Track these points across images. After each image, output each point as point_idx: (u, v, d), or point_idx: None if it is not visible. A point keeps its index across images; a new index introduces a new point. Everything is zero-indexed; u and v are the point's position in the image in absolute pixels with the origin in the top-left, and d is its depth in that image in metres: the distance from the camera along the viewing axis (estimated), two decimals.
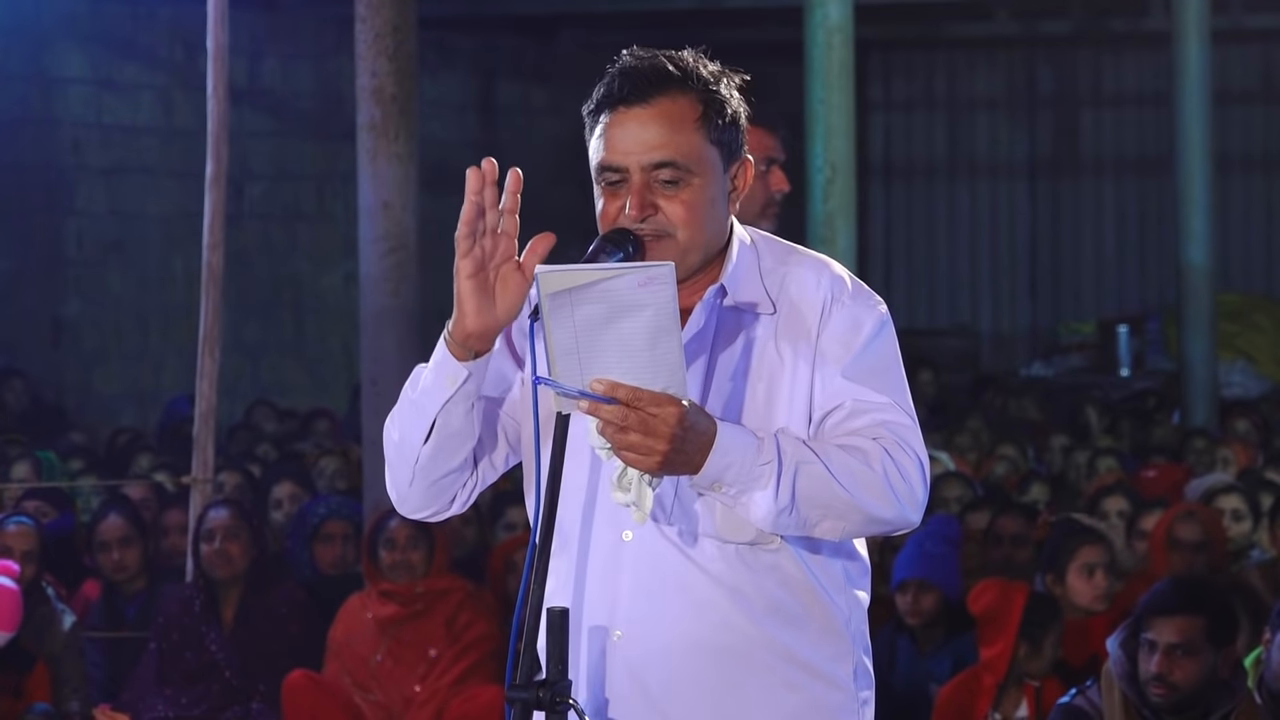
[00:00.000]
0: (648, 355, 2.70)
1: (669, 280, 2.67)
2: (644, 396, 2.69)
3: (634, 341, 2.70)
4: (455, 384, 2.87)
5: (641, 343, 2.70)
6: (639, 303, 2.68)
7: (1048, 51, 17.86)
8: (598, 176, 2.93)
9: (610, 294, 2.67)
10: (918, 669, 6.51)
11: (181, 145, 12.86)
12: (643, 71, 2.91)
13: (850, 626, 3.02)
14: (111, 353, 13.38)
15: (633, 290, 2.67)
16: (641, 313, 2.68)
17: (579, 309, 2.68)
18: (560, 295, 2.67)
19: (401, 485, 3.00)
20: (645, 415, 2.69)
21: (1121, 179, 17.93)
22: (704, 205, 2.91)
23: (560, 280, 2.68)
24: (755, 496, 2.79)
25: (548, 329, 2.69)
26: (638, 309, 2.68)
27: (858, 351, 2.93)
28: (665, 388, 2.71)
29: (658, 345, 2.70)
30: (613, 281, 2.68)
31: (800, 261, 3.02)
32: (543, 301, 2.68)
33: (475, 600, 6.79)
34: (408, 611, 6.67)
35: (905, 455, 2.86)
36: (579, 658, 2.91)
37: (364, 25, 7.76)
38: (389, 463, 3.01)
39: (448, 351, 2.87)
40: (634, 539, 2.94)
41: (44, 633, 6.59)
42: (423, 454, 2.93)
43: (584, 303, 2.68)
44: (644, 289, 2.67)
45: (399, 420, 2.96)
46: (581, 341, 2.69)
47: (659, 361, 2.70)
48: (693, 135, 2.90)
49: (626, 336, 2.70)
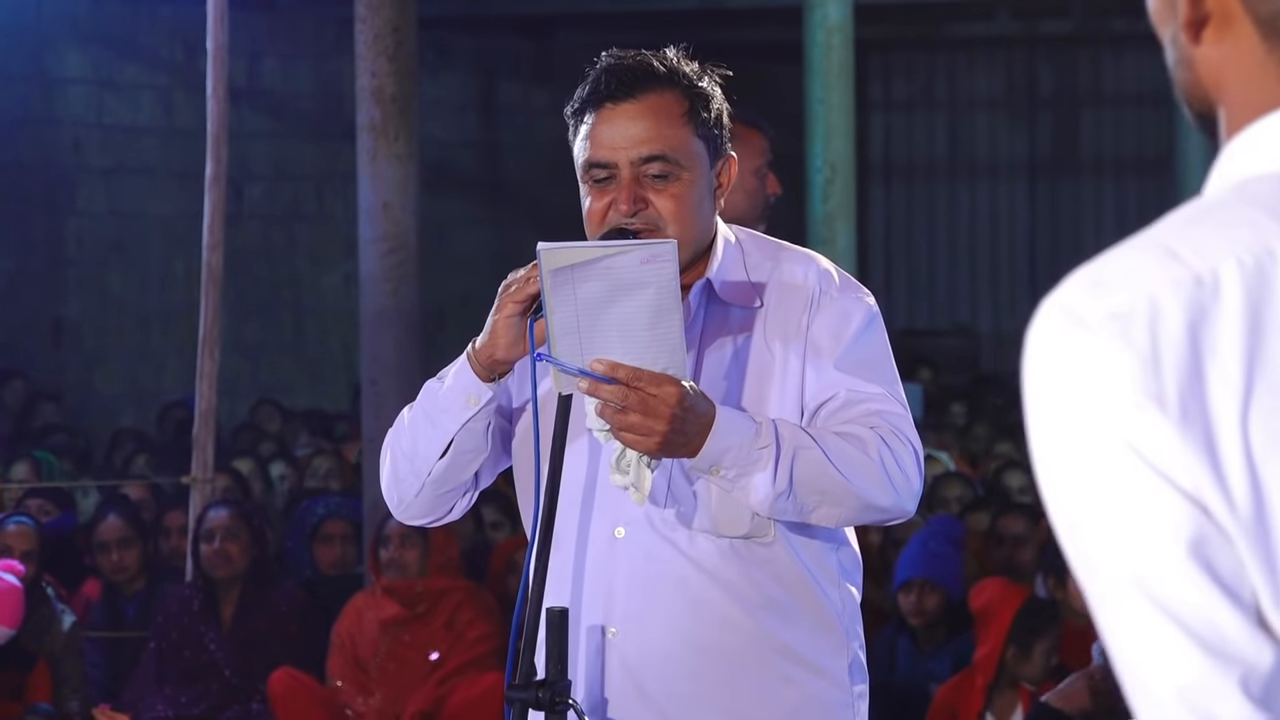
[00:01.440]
0: (648, 335, 2.71)
1: (671, 258, 2.69)
2: (644, 376, 2.71)
3: (635, 321, 2.71)
4: (478, 404, 2.91)
5: (643, 322, 2.71)
6: (641, 281, 2.69)
7: (1048, 51, 17.86)
8: (584, 174, 2.94)
9: (613, 271, 2.68)
10: (918, 669, 6.51)
11: (181, 145, 12.85)
12: (629, 68, 2.93)
13: (844, 620, 3.03)
14: (111, 353, 13.38)
15: (635, 268, 2.68)
16: (643, 291, 2.69)
17: (581, 286, 2.69)
18: (562, 272, 2.68)
19: (407, 496, 3.03)
20: (645, 395, 2.70)
21: (1121, 179, 17.93)
22: (693, 200, 2.93)
23: (563, 257, 2.69)
24: (753, 480, 2.80)
25: (549, 307, 2.70)
26: (640, 287, 2.69)
27: (848, 343, 2.95)
28: (665, 368, 2.72)
29: (659, 325, 2.71)
30: (616, 259, 2.69)
31: (787, 256, 3.04)
32: (544, 278, 2.69)
33: (475, 600, 6.79)
34: (410, 613, 6.67)
35: (901, 444, 2.88)
36: (575, 656, 2.92)
37: (364, 25, 7.76)
38: (395, 475, 3.03)
39: (472, 373, 2.89)
40: (627, 536, 2.95)
41: (44, 632, 6.59)
42: (436, 468, 2.97)
43: (586, 280, 2.68)
44: (647, 266, 2.68)
45: (412, 435, 2.98)
46: (583, 320, 2.70)
47: (659, 342, 2.72)
48: (681, 130, 2.92)
49: (628, 316, 2.70)
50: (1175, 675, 1.29)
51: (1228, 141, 1.42)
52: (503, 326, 2.86)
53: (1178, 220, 1.37)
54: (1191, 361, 1.30)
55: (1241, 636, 1.29)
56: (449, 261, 14.33)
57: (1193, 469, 1.29)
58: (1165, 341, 1.30)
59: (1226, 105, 1.42)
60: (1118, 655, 1.33)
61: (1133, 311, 1.31)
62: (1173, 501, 1.29)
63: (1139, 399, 1.29)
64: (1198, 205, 1.38)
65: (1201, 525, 1.29)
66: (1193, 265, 1.31)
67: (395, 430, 3.03)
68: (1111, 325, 1.31)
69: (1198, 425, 1.29)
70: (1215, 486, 1.29)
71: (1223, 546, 1.29)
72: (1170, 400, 1.29)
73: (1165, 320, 1.30)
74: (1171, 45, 1.45)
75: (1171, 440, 1.29)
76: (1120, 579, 1.31)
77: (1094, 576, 1.33)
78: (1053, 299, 1.37)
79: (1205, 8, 1.41)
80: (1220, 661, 1.28)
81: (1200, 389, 1.29)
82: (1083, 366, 1.32)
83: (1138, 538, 1.30)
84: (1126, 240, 1.38)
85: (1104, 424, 1.30)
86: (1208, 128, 1.46)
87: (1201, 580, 1.29)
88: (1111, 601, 1.32)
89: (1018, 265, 18.07)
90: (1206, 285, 1.31)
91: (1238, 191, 1.37)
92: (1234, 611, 1.29)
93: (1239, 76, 1.41)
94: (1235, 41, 1.40)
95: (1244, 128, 1.40)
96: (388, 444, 3.05)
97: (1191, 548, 1.29)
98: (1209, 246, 1.32)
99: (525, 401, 3.01)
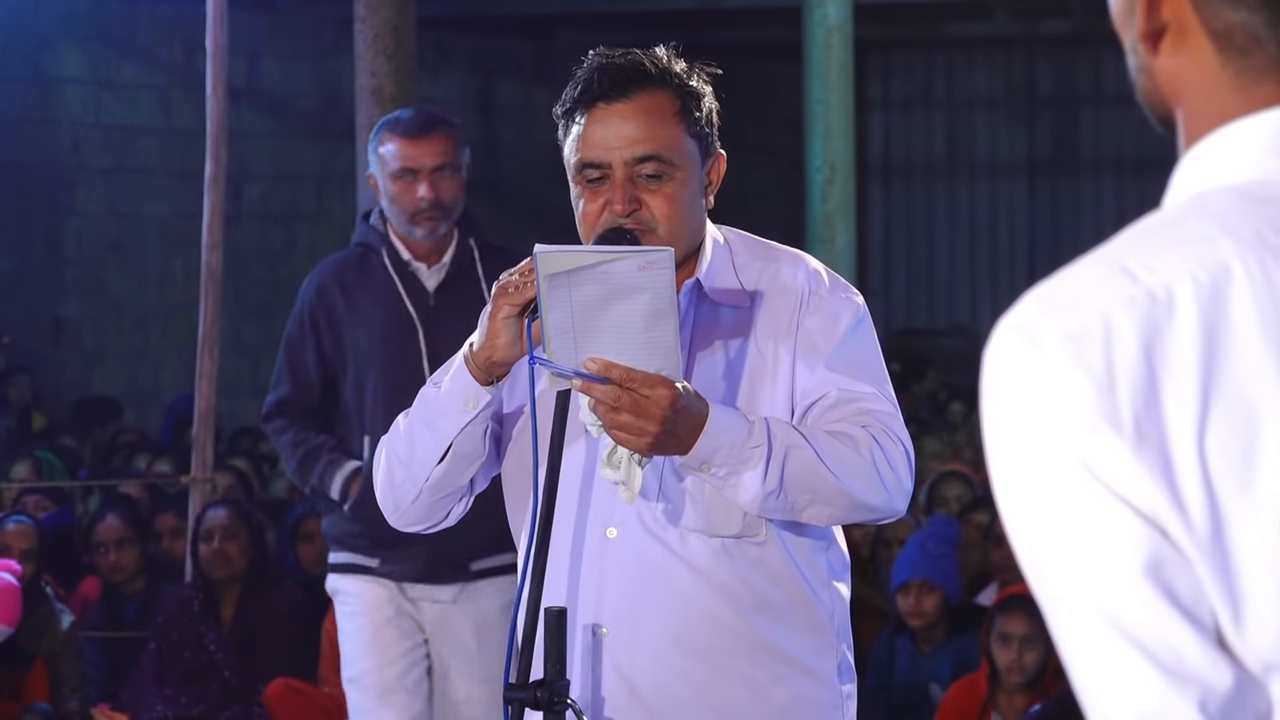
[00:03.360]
0: (643, 338, 2.72)
1: (668, 265, 2.69)
2: (637, 378, 2.71)
3: (630, 324, 2.71)
4: (477, 407, 2.90)
5: (637, 325, 2.71)
6: (637, 286, 2.69)
7: (1047, 51, 17.86)
8: (576, 175, 2.94)
9: (609, 277, 2.69)
10: (918, 669, 6.50)
11: (180, 145, 12.85)
12: (621, 68, 2.92)
13: (834, 621, 3.03)
14: (111, 353, 13.38)
15: (632, 273, 2.69)
16: (639, 296, 2.70)
17: (576, 290, 2.69)
18: (558, 276, 2.69)
19: (404, 502, 3.02)
20: (638, 396, 2.71)
21: (1121, 179, 17.93)
22: (686, 199, 2.93)
23: (559, 261, 2.69)
24: (744, 479, 2.80)
25: (544, 308, 2.70)
26: (636, 292, 2.70)
27: (838, 343, 2.95)
28: (659, 370, 2.73)
29: (653, 328, 2.71)
30: (613, 264, 2.69)
31: (776, 256, 3.04)
32: (540, 282, 2.69)
33: None
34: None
35: (892, 443, 2.88)
36: (568, 656, 2.92)
37: (363, 25, 7.76)
38: (391, 481, 3.02)
39: (470, 377, 2.89)
40: (618, 536, 2.95)
41: (42, 632, 6.58)
42: (434, 474, 2.96)
43: (582, 284, 2.69)
44: (643, 272, 2.69)
45: (409, 441, 2.98)
46: (578, 322, 2.71)
47: (654, 344, 2.72)
48: (673, 129, 2.92)
49: (622, 318, 2.71)
50: (1134, 698, 1.28)
51: (1185, 152, 1.41)
52: (500, 328, 2.85)
53: (1132, 236, 1.36)
54: (1147, 381, 1.29)
55: (1200, 658, 1.27)
56: None
57: (1149, 490, 1.28)
58: (1120, 362, 1.29)
59: (1184, 115, 1.42)
60: (1076, 677, 1.32)
61: (1087, 332, 1.30)
62: (1129, 523, 1.28)
63: (1094, 420, 1.28)
64: (1153, 220, 1.37)
65: (1159, 546, 1.28)
66: (1147, 283, 1.31)
67: (390, 437, 3.03)
68: (1066, 346, 1.30)
69: (1154, 445, 1.28)
70: (1172, 507, 1.28)
71: (1181, 567, 1.28)
72: (1125, 421, 1.28)
73: (1119, 340, 1.29)
74: (1131, 52, 1.45)
75: (1127, 461, 1.28)
76: (1078, 601, 1.30)
77: (1052, 599, 1.32)
78: (1008, 320, 1.36)
79: (1161, 19, 1.40)
80: (1179, 683, 1.27)
81: (1156, 409, 1.28)
82: (1037, 388, 1.31)
83: (1095, 560, 1.29)
84: (1082, 257, 1.37)
85: (1059, 445, 1.30)
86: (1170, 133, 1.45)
87: (1159, 602, 1.28)
88: (1069, 624, 1.31)
89: (1017, 265, 18.06)
90: (1161, 303, 1.30)
91: (1193, 205, 1.36)
92: (1192, 633, 1.28)
93: (1195, 88, 1.40)
94: (1190, 54, 1.40)
95: (1200, 139, 1.39)
96: (382, 450, 3.04)
97: (1149, 569, 1.28)
98: (1164, 263, 1.31)
99: (517, 406, 3.01)
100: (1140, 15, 1.41)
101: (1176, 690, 1.27)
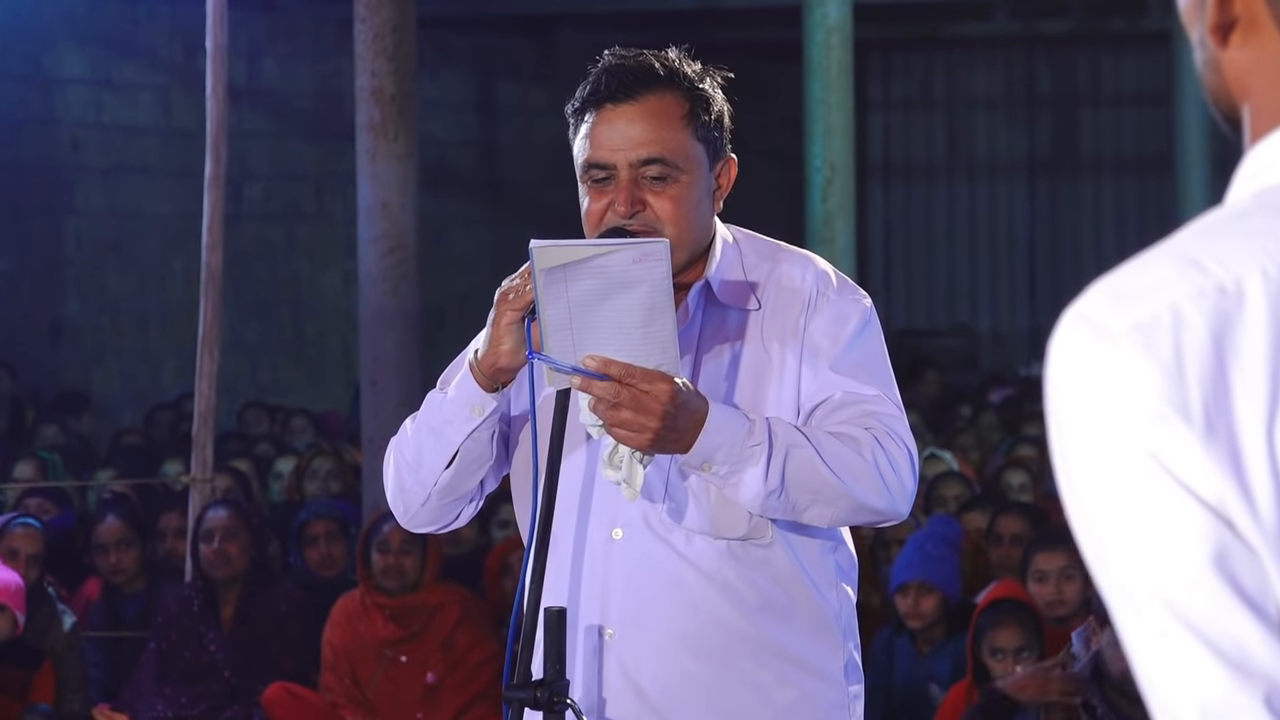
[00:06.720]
0: (641, 332, 2.71)
1: (664, 257, 2.68)
2: (636, 373, 2.71)
3: (628, 318, 2.70)
4: (483, 413, 2.90)
5: (635, 320, 2.70)
6: (634, 279, 2.68)
7: (1047, 51, 17.86)
8: (583, 174, 2.93)
9: (605, 270, 2.68)
10: (918, 669, 6.50)
11: (180, 145, 12.86)
12: (629, 69, 2.92)
13: (840, 621, 3.03)
14: (111, 353, 13.38)
15: (628, 266, 2.68)
16: (636, 289, 2.69)
17: (573, 285, 2.68)
18: (555, 271, 2.68)
19: (413, 505, 3.03)
20: (637, 392, 2.70)
21: (1121, 179, 17.93)
22: (691, 202, 2.92)
23: (555, 255, 2.68)
24: (745, 477, 2.80)
25: (541, 304, 2.70)
26: (632, 285, 2.69)
27: (845, 345, 2.95)
28: (658, 365, 2.72)
29: (651, 322, 2.70)
30: (608, 257, 2.68)
31: (784, 258, 3.04)
32: (536, 277, 2.68)
33: (473, 617, 6.65)
34: (405, 633, 6.52)
35: (895, 445, 2.87)
36: (573, 657, 2.92)
37: (363, 25, 7.77)
38: (400, 485, 3.03)
39: (475, 383, 2.89)
40: (624, 537, 2.94)
41: (45, 634, 6.59)
42: (443, 478, 2.97)
43: (579, 278, 2.68)
44: (639, 265, 2.68)
45: (416, 446, 2.98)
46: (575, 318, 2.70)
47: (652, 339, 2.71)
48: (680, 132, 2.91)
49: (620, 313, 2.70)
50: (1198, 691, 1.27)
51: (1251, 147, 1.40)
52: (503, 334, 2.84)
53: (1200, 229, 1.35)
54: (1216, 372, 1.28)
55: (1265, 652, 1.26)
56: (448, 261, 14.34)
57: (1217, 481, 1.27)
58: (1189, 352, 1.28)
59: (1251, 110, 1.41)
60: (1140, 669, 1.31)
61: (1156, 322, 1.29)
62: (1196, 514, 1.27)
63: (1163, 410, 1.28)
64: (1220, 214, 1.36)
65: (1225, 538, 1.27)
66: (1216, 275, 1.30)
67: (399, 440, 3.03)
68: (1135, 337, 1.29)
69: (1223, 437, 1.27)
70: (1240, 498, 1.27)
71: (1247, 560, 1.27)
72: (1195, 411, 1.28)
73: (1189, 330, 1.29)
74: (1199, 46, 1.43)
75: (1196, 452, 1.27)
76: (1143, 592, 1.29)
77: (1116, 589, 1.31)
78: (1075, 309, 1.34)
79: (1232, 11, 1.39)
80: (1244, 677, 1.26)
81: (1225, 400, 1.28)
82: (1106, 378, 1.30)
83: (1160, 551, 1.28)
84: (1148, 250, 1.36)
85: (1127, 435, 1.29)
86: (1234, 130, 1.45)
87: (1224, 595, 1.27)
88: (1133, 615, 1.30)
89: (1017, 265, 18.06)
90: (1231, 295, 1.29)
91: (1260, 200, 1.36)
92: (1258, 626, 1.27)
93: (1263, 81, 1.39)
94: (1261, 46, 1.39)
95: (1267, 134, 1.39)
96: (391, 453, 3.05)
97: (1215, 561, 1.27)
98: (1233, 256, 1.31)
99: (524, 408, 3.01)
100: (1211, 8, 1.40)
101: (1241, 684, 1.26)
